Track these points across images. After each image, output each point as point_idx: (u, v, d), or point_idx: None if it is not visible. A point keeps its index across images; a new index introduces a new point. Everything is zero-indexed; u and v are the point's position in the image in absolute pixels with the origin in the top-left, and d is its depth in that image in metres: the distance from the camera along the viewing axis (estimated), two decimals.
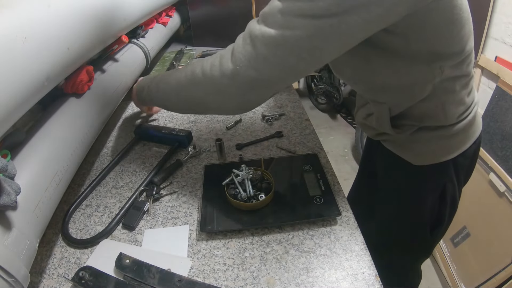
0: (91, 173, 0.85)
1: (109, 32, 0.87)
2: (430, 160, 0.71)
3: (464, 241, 1.43)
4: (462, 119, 0.67)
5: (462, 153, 0.70)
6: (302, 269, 0.57)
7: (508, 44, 1.42)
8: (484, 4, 1.48)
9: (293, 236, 0.63)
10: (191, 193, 0.76)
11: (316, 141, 0.90)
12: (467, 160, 0.73)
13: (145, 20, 1.29)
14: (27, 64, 0.49)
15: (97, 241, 0.65)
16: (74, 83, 0.78)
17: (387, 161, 0.79)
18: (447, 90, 0.63)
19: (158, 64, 1.42)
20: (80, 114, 0.77)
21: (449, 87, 0.62)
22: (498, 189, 1.29)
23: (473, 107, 0.69)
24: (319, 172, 0.75)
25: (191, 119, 1.05)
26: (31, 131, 0.65)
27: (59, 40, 0.60)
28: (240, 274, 0.57)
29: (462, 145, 0.70)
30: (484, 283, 1.25)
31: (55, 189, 0.61)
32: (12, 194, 0.46)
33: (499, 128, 1.37)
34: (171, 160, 0.87)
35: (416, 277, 1.00)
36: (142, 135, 0.96)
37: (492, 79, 1.50)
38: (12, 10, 0.49)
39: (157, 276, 0.55)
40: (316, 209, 0.66)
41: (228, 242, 0.63)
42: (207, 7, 1.67)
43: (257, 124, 0.99)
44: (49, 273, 0.60)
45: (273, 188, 0.69)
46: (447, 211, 0.77)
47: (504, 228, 1.24)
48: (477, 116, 0.72)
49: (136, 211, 0.70)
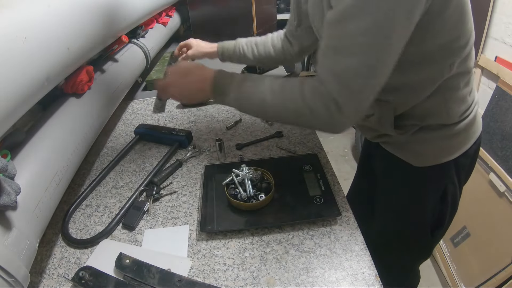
0: (91, 173, 0.85)
1: (109, 32, 0.87)
2: (431, 161, 0.70)
3: (464, 241, 1.43)
4: (464, 118, 0.67)
5: (464, 153, 0.70)
6: (302, 269, 0.57)
7: (508, 44, 1.42)
8: (484, 4, 1.48)
9: (293, 236, 0.63)
10: (191, 193, 0.76)
11: (316, 141, 0.89)
12: (468, 160, 0.72)
13: (145, 20, 1.29)
14: (27, 64, 0.49)
15: (97, 241, 0.65)
16: (74, 83, 0.78)
17: (387, 162, 0.78)
18: (451, 87, 0.62)
19: (158, 64, 1.42)
20: (80, 114, 0.77)
21: (453, 84, 0.62)
22: (498, 189, 1.29)
23: (473, 106, 0.69)
24: (319, 172, 0.75)
25: (191, 119, 1.05)
26: (31, 131, 0.65)
27: (59, 40, 0.60)
28: (240, 274, 0.57)
29: (464, 145, 0.70)
30: (484, 283, 1.25)
31: (55, 189, 0.61)
32: (12, 194, 0.46)
33: (499, 128, 1.37)
34: (171, 160, 0.87)
35: (415, 278, 0.99)
36: (142, 135, 0.96)
37: (492, 79, 1.50)
38: (12, 10, 0.49)
39: (157, 276, 0.55)
40: (316, 209, 0.66)
41: (228, 242, 0.63)
42: (207, 7, 1.67)
43: (257, 124, 0.99)
44: (49, 273, 0.60)
45: (273, 188, 0.69)
46: (448, 212, 0.77)
47: (504, 228, 1.24)
48: (477, 115, 0.72)
49: (136, 211, 0.70)
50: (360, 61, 0.49)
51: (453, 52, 0.58)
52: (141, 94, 1.28)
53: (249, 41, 0.98)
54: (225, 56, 1.02)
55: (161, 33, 1.50)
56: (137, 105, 1.18)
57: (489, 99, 1.45)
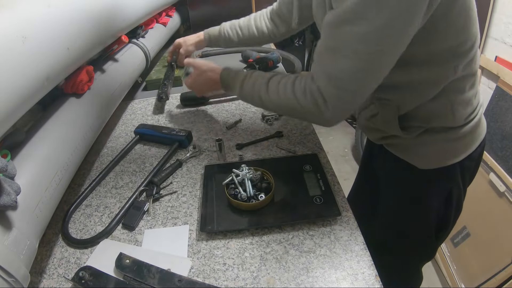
0: (91, 173, 0.85)
1: (109, 32, 0.87)
2: (436, 164, 0.69)
3: (464, 241, 1.43)
4: (469, 120, 0.66)
5: (468, 156, 0.69)
6: (302, 269, 0.57)
7: (508, 44, 1.42)
8: (484, 4, 1.48)
9: (293, 236, 0.63)
10: (191, 193, 0.76)
11: (316, 141, 0.89)
12: (472, 163, 0.72)
13: (145, 20, 1.29)
14: (27, 64, 0.50)
15: (97, 241, 0.65)
16: (74, 83, 0.78)
17: (390, 165, 0.77)
18: (456, 90, 0.62)
19: (158, 64, 1.42)
20: (80, 114, 0.77)
21: (458, 86, 0.62)
22: (498, 189, 1.29)
23: (479, 108, 0.69)
24: (319, 172, 0.75)
25: (191, 119, 1.05)
26: (31, 131, 0.65)
27: (59, 40, 0.60)
28: (240, 274, 0.57)
29: (469, 148, 0.69)
30: (484, 283, 1.25)
31: (55, 189, 0.61)
32: (12, 194, 0.46)
33: (499, 128, 1.37)
34: (171, 160, 0.87)
35: (417, 279, 0.99)
36: (142, 135, 0.96)
37: (492, 79, 1.50)
38: (12, 10, 0.49)
39: (157, 276, 0.55)
40: (316, 209, 0.66)
41: (228, 242, 0.63)
42: (207, 7, 1.68)
43: (257, 124, 0.99)
44: (49, 273, 0.60)
45: (273, 188, 0.69)
46: (452, 214, 0.76)
47: (504, 228, 1.24)
48: (482, 117, 0.71)
49: (136, 211, 0.70)
50: (353, 64, 0.50)
51: (458, 55, 0.57)
52: (141, 94, 1.28)
53: (233, 24, 1.03)
54: (212, 42, 1.08)
55: (161, 33, 1.50)
56: (137, 105, 1.18)
57: (489, 99, 1.46)
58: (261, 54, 1.40)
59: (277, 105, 0.65)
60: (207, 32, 1.08)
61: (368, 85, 0.53)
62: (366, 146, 1.00)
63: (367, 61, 0.49)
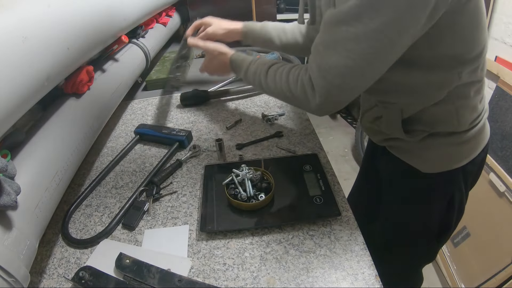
0: (91, 173, 0.85)
1: (109, 32, 0.87)
2: (439, 168, 0.69)
3: (464, 241, 1.43)
4: (474, 125, 0.66)
5: (472, 161, 0.69)
6: (302, 269, 0.57)
7: (508, 44, 1.42)
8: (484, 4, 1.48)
9: (293, 236, 0.63)
10: (191, 193, 0.76)
11: (316, 141, 0.89)
12: (475, 168, 0.71)
13: (145, 20, 1.29)
14: (27, 64, 0.49)
15: (97, 241, 0.65)
16: (74, 83, 0.78)
17: (393, 167, 0.77)
18: (462, 96, 0.62)
19: (158, 64, 1.42)
20: (80, 114, 0.77)
21: (463, 92, 0.61)
22: (498, 189, 1.29)
23: (483, 113, 0.69)
24: (319, 172, 0.75)
25: (191, 119, 1.05)
26: (31, 131, 0.65)
27: (59, 40, 0.60)
28: (240, 274, 0.57)
29: (472, 153, 0.69)
30: (484, 283, 1.25)
31: (55, 189, 0.61)
32: (12, 194, 0.46)
33: (499, 128, 1.37)
34: (171, 160, 0.87)
35: (417, 280, 0.99)
36: (142, 135, 0.96)
37: (492, 79, 1.50)
38: (12, 10, 0.49)
39: (157, 276, 0.55)
40: (316, 209, 0.66)
41: (228, 242, 0.63)
42: (207, 7, 1.67)
43: (257, 124, 0.99)
44: (49, 273, 0.60)
45: (273, 188, 0.69)
46: (454, 218, 0.76)
47: (504, 228, 1.24)
48: (486, 122, 0.71)
49: (136, 211, 0.70)
50: (346, 63, 0.52)
51: (463, 62, 0.57)
52: (141, 94, 1.28)
53: (276, 26, 0.94)
54: (248, 37, 0.96)
55: (161, 33, 1.50)
56: (137, 105, 1.18)
57: (489, 99, 1.46)
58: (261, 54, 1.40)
59: (273, 91, 0.69)
60: (246, 26, 0.95)
61: (353, 83, 0.55)
62: (368, 147, 0.99)
63: (355, 60, 0.51)
